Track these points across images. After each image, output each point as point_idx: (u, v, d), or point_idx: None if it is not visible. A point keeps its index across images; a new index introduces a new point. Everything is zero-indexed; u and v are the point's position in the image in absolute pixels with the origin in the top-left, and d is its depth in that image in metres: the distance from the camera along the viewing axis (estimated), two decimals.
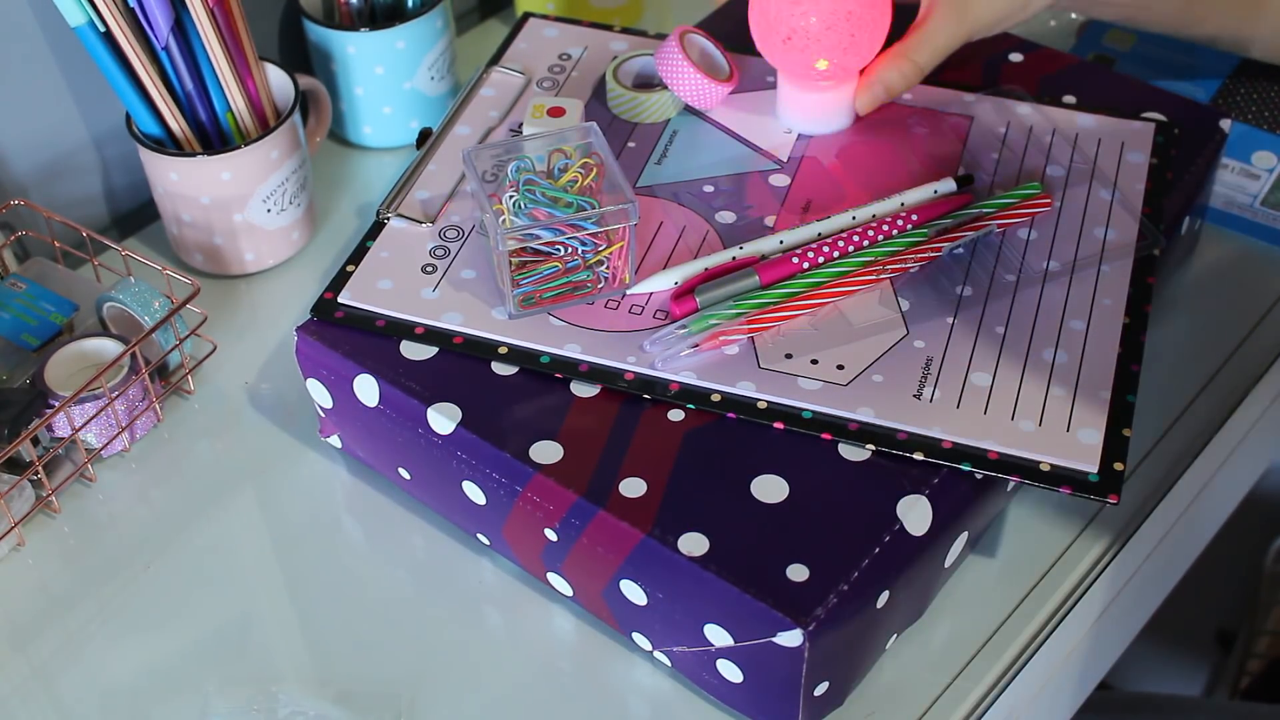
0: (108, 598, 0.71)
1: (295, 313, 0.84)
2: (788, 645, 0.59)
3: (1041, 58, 0.86)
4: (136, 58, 0.78)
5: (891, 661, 0.66)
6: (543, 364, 0.68)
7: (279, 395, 0.80)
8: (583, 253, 0.70)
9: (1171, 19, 0.85)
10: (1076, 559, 0.71)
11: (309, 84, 0.89)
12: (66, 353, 0.75)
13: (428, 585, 0.71)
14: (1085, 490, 0.63)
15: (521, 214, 0.70)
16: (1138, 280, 0.71)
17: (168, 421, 0.79)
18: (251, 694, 0.66)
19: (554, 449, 0.65)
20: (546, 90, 0.84)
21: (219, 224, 0.83)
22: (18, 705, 0.66)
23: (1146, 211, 0.75)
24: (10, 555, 0.72)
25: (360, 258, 0.74)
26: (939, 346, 0.68)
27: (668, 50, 0.79)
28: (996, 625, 0.68)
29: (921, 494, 0.63)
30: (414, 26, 0.89)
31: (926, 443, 0.64)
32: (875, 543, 0.61)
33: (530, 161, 0.72)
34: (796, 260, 0.71)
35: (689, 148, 0.80)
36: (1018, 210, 0.74)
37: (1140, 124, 0.80)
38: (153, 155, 0.81)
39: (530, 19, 0.90)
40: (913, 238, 0.72)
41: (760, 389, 0.66)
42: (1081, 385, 0.66)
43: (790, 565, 0.60)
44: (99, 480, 0.76)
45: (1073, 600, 0.70)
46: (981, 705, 0.66)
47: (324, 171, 0.93)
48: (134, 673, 0.67)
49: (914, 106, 0.82)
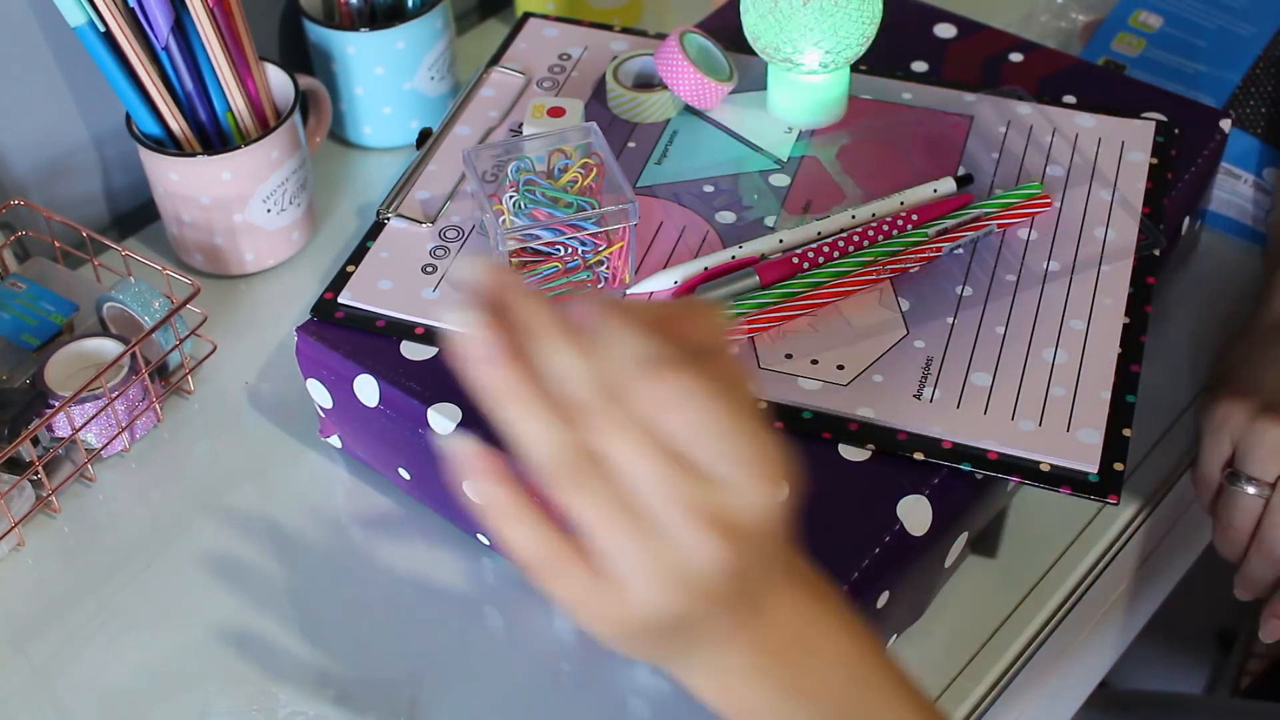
0: (108, 598, 0.71)
1: (295, 313, 0.83)
2: None
3: (1041, 58, 0.86)
4: (136, 58, 0.78)
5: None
6: None
7: (279, 395, 0.80)
8: (583, 253, 0.70)
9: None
10: (1076, 559, 0.71)
11: (309, 84, 0.89)
12: (66, 353, 0.75)
13: (428, 585, 0.71)
14: (1085, 490, 0.63)
15: (521, 214, 0.70)
16: (1138, 280, 0.71)
17: (168, 421, 0.79)
18: (251, 694, 0.66)
19: None
20: (546, 90, 0.84)
21: (219, 224, 0.83)
22: (18, 705, 0.66)
23: (1146, 211, 0.75)
24: (10, 555, 0.72)
25: (360, 258, 0.74)
26: (939, 346, 0.68)
27: (668, 50, 0.79)
28: (996, 625, 0.68)
29: (921, 494, 0.63)
30: (414, 26, 0.89)
31: (926, 443, 0.64)
32: (875, 543, 0.61)
33: (530, 161, 0.72)
34: (796, 260, 0.71)
35: (689, 148, 0.80)
36: (1018, 210, 0.74)
37: (1140, 124, 0.80)
38: (153, 155, 0.81)
39: (530, 19, 0.90)
40: (913, 238, 0.72)
41: (760, 389, 0.66)
42: (1081, 385, 0.66)
43: None
44: (99, 480, 0.76)
45: (1073, 600, 0.70)
46: (981, 705, 0.66)
47: (324, 171, 0.93)
48: (134, 673, 0.67)
49: (914, 106, 0.82)
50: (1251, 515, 0.69)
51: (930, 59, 0.86)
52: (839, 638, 0.52)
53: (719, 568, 0.48)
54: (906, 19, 0.88)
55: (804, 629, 0.51)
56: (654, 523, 0.47)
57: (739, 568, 0.48)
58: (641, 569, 0.48)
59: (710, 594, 0.48)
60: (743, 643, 0.51)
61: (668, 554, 0.47)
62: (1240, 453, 0.69)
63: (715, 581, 0.48)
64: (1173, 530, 0.80)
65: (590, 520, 0.48)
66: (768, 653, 0.51)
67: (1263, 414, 0.69)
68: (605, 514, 0.47)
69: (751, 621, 0.50)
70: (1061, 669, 0.75)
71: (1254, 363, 0.73)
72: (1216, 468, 0.71)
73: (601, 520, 0.48)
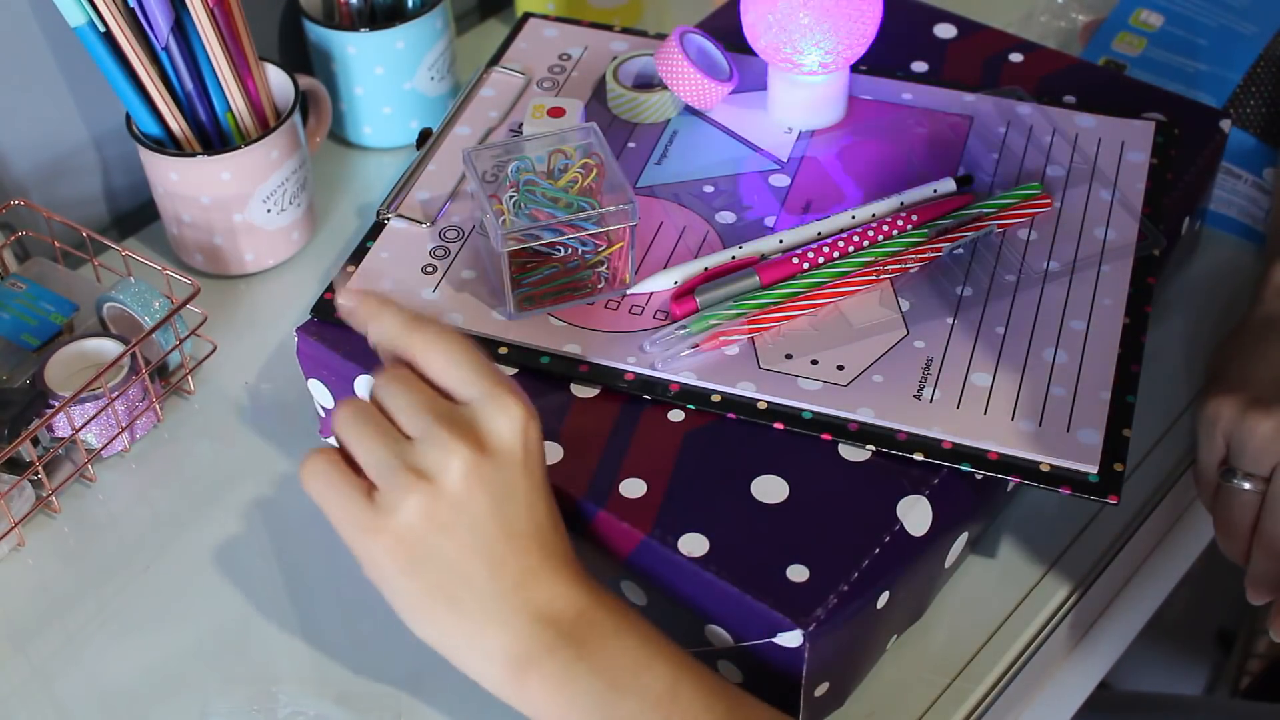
0: (108, 598, 0.71)
1: (295, 313, 0.84)
2: (788, 645, 0.59)
3: (1041, 58, 0.86)
4: (136, 58, 0.78)
5: (891, 661, 0.66)
6: (543, 364, 0.68)
7: (279, 395, 0.80)
8: (583, 253, 0.70)
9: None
10: (1076, 559, 0.71)
11: (309, 84, 0.89)
12: (66, 353, 0.75)
13: None
14: (1085, 490, 0.63)
15: (521, 214, 0.70)
16: (1138, 280, 0.71)
17: (168, 421, 0.79)
18: (251, 694, 0.66)
19: (554, 450, 0.65)
20: (546, 90, 0.84)
21: (219, 224, 0.83)
22: (18, 705, 0.66)
23: (1147, 211, 0.75)
24: (10, 555, 0.72)
25: (360, 258, 0.74)
26: (939, 346, 0.68)
27: (667, 50, 0.79)
28: (996, 625, 0.68)
29: (921, 494, 0.63)
30: (414, 27, 0.89)
31: (926, 443, 0.64)
32: (875, 543, 0.61)
33: (530, 162, 0.72)
34: (796, 260, 0.71)
35: (689, 148, 0.80)
36: (1018, 210, 0.74)
37: (1140, 123, 0.80)
38: (153, 155, 0.81)
39: (530, 19, 0.90)
40: (913, 238, 0.72)
41: (760, 389, 0.66)
42: (1081, 385, 0.66)
43: (790, 566, 0.60)
44: (99, 480, 0.76)
45: (1072, 601, 0.70)
46: (981, 705, 0.66)
47: (324, 171, 0.93)
48: (134, 673, 0.67)
49: (914, 106, 0.82)
50: (1250, 511, 0.69)
51: (930, 59, 0.86)
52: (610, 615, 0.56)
53: (468, 470, 0.54)
54: (906, 19, 0.88)
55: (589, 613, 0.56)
56: (409, 435, 0.55)
57: (491, 479, 0.54)
58: (391, 469, 0.54)
59: (464, 503, 0.54)
60: (519, 604, 0.55)
61: (418, 455, 0.54)
62: (1233, 449, 0.69)
63: (467, 488, 0.54)
64: (1173, 530, 0.80)
65: (353, 444, 0.56)
66: (551, 626, 0.55)
67: (1252, 408, 0.68)
68: (366, 434, 0.55)
69: (527, 583, 0.55)
70: (1061, 669, 0.75)
71: (1245, 358, 0.73)
72: (1213, 466, 0.71)
73: (362, 441, 0.55)
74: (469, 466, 0.54)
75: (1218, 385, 0.71)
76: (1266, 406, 0.68)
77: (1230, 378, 0.72)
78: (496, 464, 0.55)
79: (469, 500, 0.54)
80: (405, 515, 0.54)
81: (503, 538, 0.55)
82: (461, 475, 0.54)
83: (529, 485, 0.56)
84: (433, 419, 0.54)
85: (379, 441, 0.55)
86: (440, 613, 0.55)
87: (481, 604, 0.54)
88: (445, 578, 0.54)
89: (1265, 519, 0.68)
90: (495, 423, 0.55)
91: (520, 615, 0.54)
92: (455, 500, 0.54)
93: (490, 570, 0.54)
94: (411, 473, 0.54)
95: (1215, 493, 0.71)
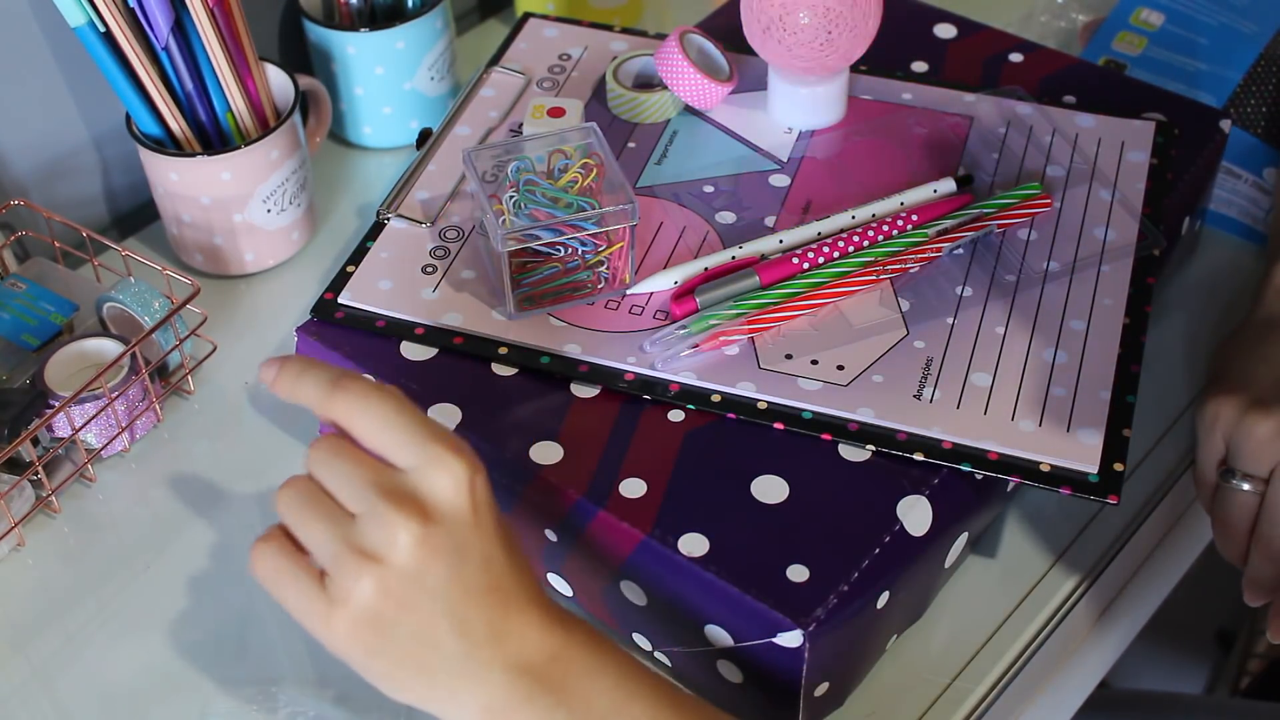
0: (108, 598, 0.71)
1: (295, 313, 0.84)
2: (788, 645, 0.59)
3: (1041, 58, 0.86)
4: (136, 58, 0.78)
5: (891, 661, 0.66)
6: (543, 364, 0.68)
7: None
8: (583, 253, 0.70)
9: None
10: (1076, 559, 0.71)
11: (309, 84, 0.89)
12: (66, 353, 0.75)
13: None
14: (1085, 490, 0.63)
15: (521, 214, 0.70)
16: (1138, 280, 0.71)
17: (168, 421, 0.79)
18: (251, 694, 0.66)
19: (554, 450, 0.65)
20: (546, 90, 0.84)
21: (219, 224, 0.83)
22: (18, 705, 0.66)
23: (1147, 211, 0.75)
24: (10, 555, 0.72)
25: (360, 258, 0.74)
26: (939, 346, 0.68)
27: (667, 50, 0.79)
28: (996, 625, 0.68)
29: (921, 494, 0.63)
30: (414, 27, 0.89)
31: (926, 443, 0.64)
32: (875, 543, 0.61)
33: (530, 162, 0.72)
34: (796, 260, 0.71)
35: (689, 148, 0.80)
36: (1018, 210, 0.74)
37: (1140, 123, 0.80)
38: (153, 155, 0.81)
39: (530, 19, 0.90)
40: (913, 238, 0.72)
41: (760, 389, 0.66)
42: (1081, 385, 0.66)
43: (790, 565, 0.60)
44: (99, 480, 0.76)
45: (1073, 600, 0.70)
46: (981, 705, 0.66)
47: (324, 171, 0.93)
48: (134, 673, 0.67)
49: (914, 106, 0.82)
50: (1248, 512, 0.69)
51: (930, 59, 0.86)
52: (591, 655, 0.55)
53: (417, 542, 0.51)
54: (906, 19, 0.88)
55: (560, 652, 0.54)
56: (351, 512, 0.52)
57: (442, 545, 0.52)
58: (338, 554, 0.52)
59: (419, 575, 0.52)
60: (489, 659, 0.53)
61: (362, 535, 0.52)
62: (1232, 449, 0.69)
63: (418, 560, 0.51)
64: (1173, 530, 0.80)
65: (297, 529, 0.53)
66: (527, 674, 0.53)
67: (1252, 409, 0.68)
68: (307, 517, 0.53)
69: (496, 637, 0.53)
70: (1061, 669, 0.75)
71: (1244, 358, 0.73)
72: (1212, 466, 0.71)
73: (304, 524, 0.53)
74: (417, 539, 0.51)
75: (1218, 385, 0.71)
76: (1266, 407, 0.68)
77: (1231, 378, 0.71)
78: (446, 528, 0.52)
79: (423, 571, 0.52)
80: (360, 600, 0.51)
81: (464, 599, 0.52)
82: (410, 549, 0.51)
83: (482, 541, 0.53)
84: (372, 492, 0.52)
85: (322, 525, 0.52)
86: (412, 681, 0.53)
87: (452, 666, 0.52)
88: (412, 648, 0.52)
89: (1263, 521, 0.68)
90: (437, 485, 0.52)
91: (492, 669, 0.52)
92: (408, 575, 0.52)
93: (457, 633, 0.52)
94: (359, 555, 0.51)
95: (1214, 493, 0.71)
